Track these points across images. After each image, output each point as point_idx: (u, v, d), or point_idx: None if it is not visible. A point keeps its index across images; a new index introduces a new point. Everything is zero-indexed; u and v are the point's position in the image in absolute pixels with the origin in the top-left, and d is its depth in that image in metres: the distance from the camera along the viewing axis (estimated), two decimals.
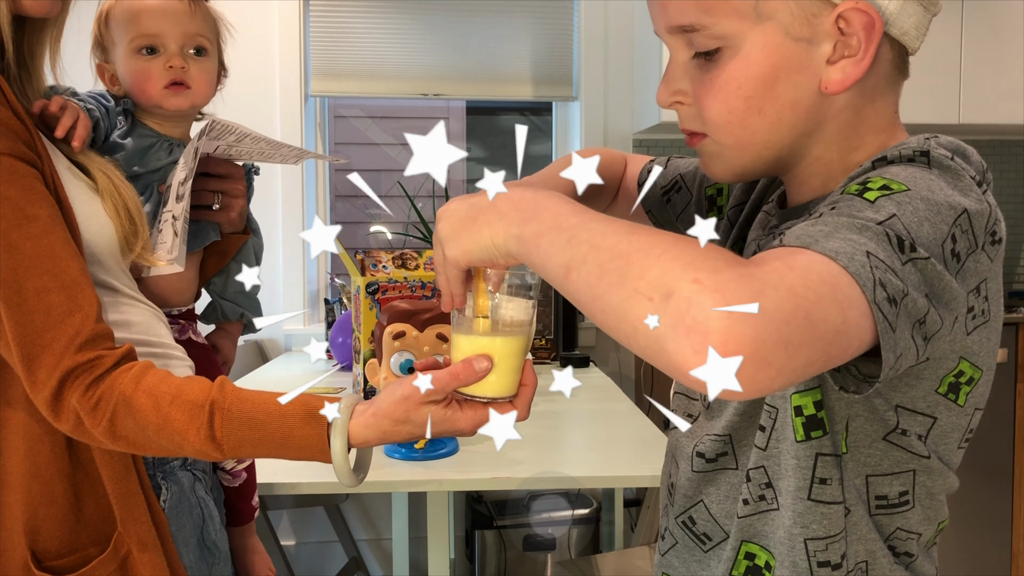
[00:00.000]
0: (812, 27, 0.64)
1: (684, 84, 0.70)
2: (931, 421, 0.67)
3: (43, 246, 0.77)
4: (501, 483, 1.31)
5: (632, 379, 3.02)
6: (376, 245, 3.19)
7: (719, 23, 0.65)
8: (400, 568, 2.63)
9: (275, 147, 1.11)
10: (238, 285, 1.27)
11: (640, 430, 1.61)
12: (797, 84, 0.66)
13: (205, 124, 1.02)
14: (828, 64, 0.65)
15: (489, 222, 0.64)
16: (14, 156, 0.77)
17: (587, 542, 2.55)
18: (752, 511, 0.73)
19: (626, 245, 0.53)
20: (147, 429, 0.78)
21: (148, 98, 1.12)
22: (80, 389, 0.77)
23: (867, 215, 0.56)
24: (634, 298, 0.50)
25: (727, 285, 0.47)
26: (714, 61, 0.67)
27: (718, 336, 0.46)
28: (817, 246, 0.53)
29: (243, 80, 2.81)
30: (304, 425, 0.79)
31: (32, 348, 0.76)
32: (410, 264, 1.82)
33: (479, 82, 3.02)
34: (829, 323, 0.50)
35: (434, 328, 1.25)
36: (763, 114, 0.67)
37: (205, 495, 1.08)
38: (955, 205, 0.59)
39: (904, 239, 0.55)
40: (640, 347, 0.51)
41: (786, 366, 0.49)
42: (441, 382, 0.74)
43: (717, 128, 0.69)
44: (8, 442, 0.82)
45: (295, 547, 2.92)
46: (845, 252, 0.53)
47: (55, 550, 0.83)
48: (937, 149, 0.63)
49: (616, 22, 3.02)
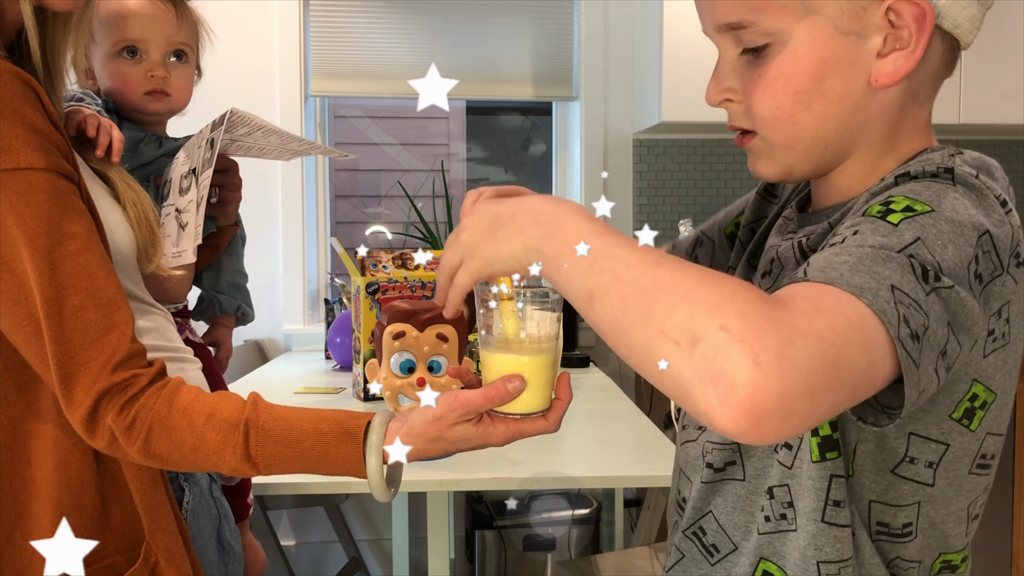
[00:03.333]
0: (861, 20, 0.63)
1: (733, 82, 0.70)
2: (943, 448, 0.66)
3: (81, 264, 0.77)
4: (501, 483, 1.31)
5: (632, 379, 3.02)
6: (376, 245, 3.19)
7: (767, 19, 0.65)
8: (400, 568, 2.63)
9: (286, 140, 1.11)
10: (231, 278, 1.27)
11: (640, 430, 1.61)
12: (846, 78, 0.65)
13: (223, 114, 1.00)
14: (878, 58, 0.64)
15: (508, 236, 0.64)
16: (55, 172, 0.77)
17: (587, 542, 2.55)
18: (773, 529, 0.72)
19: (650, 280, 0.52)
20: (182, 448, 0.78)
21: (127, 102, 1.12)
22: (115, 409, 0.77)
23: (891, 241, 0.56)
24: (659, 339, 0.50)
25: (755, 334, 0.47)
26: (762, 57, 0.67)
27: (745, 389, 0.46)
28: (842, 281, 0.53)
29: (243, 80, 2.81)
30: (340, 444, 0.80)
31: (69, 367, 0.76)
32: (410, 264, 1.82)
33: (479, 82, 3.02)
34: (855, 367, 0.50)
35: (434, 328, 1.25)
36: (811, 109, 0.66)
37: (220, 495, 1.10)
38: (978, 225, 0.58)
39: (929, 268, 0.54)
40: (666, 388, 0.51)
41: (812, 414, 0.49)
42: (474, 404, 0.75)
43: (765, 125, 0.69)
44: (36, 453, 0.83)
45: (295, 547, 2.92)
46: (870, 289, 0.52)
47: (85, 558, 0.83)
48: (962, 167, 0.62)
49: (616, 22, 3.02)
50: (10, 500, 0.82)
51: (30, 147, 0.75)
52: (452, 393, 0.77)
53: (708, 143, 3.14)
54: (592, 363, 2.54)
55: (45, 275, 0.75)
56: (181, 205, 1.04)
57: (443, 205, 2.95)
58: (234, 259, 1.29)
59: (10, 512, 0.82)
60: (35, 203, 0.75)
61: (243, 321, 1.34)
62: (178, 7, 1.16)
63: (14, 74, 0.75)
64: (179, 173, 1.05)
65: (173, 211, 1.05)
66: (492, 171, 3.49)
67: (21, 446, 0.82)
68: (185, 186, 1.03)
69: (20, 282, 0.75)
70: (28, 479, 0.82)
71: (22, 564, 0.82)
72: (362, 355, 1.76)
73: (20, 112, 0.75)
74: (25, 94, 0.76)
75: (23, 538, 0.82)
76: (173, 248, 1.03)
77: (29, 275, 0.75)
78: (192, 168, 1.03)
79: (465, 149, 3.43)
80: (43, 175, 0.76)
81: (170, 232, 1.04)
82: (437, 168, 3.22)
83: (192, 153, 1.05)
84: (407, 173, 3.29)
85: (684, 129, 3.00)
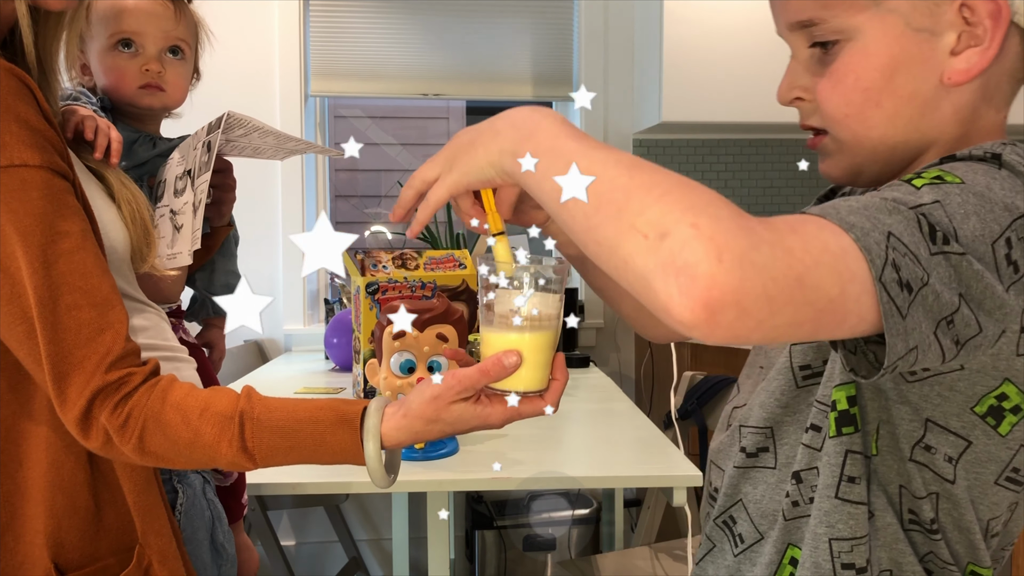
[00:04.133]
0: (934, 17, 0.63)
1: (804, 80, 0.69)
2: (964, 444, 0.64)
3: (75, 263, 0.77)
4: (501, 483, 1.31)
5: (632, 379, 3.02)
6: (376, 245, 3.19)
7: (837, 16, 0.65)
8: (400, 568, 2.63)
9: (282, 140, 1.11)
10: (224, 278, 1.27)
11: (640, 430, 1.61)
12: (917, 76, 0.64)
13: (220, 116, 1.00)
14: (952, 55, 0.63)
15: (485, 143, 0.63)
16: (50, 169, 0.76)
17: (587, 542, 2.55)
18: (801, 513, 0.71)
19: (627, 179, 0.52)
20: (178, 444, 0.78)
21: (121, 95, 1.12)
22: (109, 407, 0.76)
23: (907, 198, 0.55)
24: (629, 233, 0.50)
25: (723, 235, 0.48)
26: (833, 55, 0.66)
27: (704, 281, 0.47)
28: (835, 217, 0.53)
29: (243, 80, 2.81)
30: (336, 430, 0.79)
31: (63, 366, 0.75)
32: (410, 264, 1.82)
33: (479, 82, 3.02)
34: (823, 291, 0.50)
35: (434, 328, 1.25)
36: (881, 107, 0.65)
37: (214, 497, 1.09)
38: (1013, 208, 0.56)
39: (938, 229, 0.53)
40: (628, 282, 0.51)
41: (767, 321, 0.49)
42: (471, 379, 0.74)
43: (835, 123, 0.68)
44: (28, 454, 0.82)
45: (295, 547, 2.92)
46: (861, 227, 0.52)
47: (77, 560, 0.83)
48: (1012, 155, 0.61)
49: (616, 22, 3.02)
50: (2, 501, 0.81)
51: (24, 144, 0.74)
52: (449, 372, 0.76)
53: (708, 143, 3.14)
54: (592, 363, 2.54)
55: (39, 273, 0.75)
56: (176, 206, 1.03)
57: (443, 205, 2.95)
58: (227, 260, 1.29)
59: (2, 514, 0.81)
60: (29, 200, 0.74)
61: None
62: (177, 3, 1.15)
63: (8, 71, 0.75)
64: (174, 174, 1.05)
65: (168, 212, 1.04)
66: None
67: (12, 447, 0.82)
68: (180, 187, 1.03)
69: (13, 280, 0.75)
70: (20, 480, 0.82)
71: (13, 566, 0.82)
72: (362, 355, 1.76)
73: (14, 109, 0.74)
74: (19, 91, 0.75)
75: (15, 540, 0.82)
76: (168, 249, 1.02)
77: (23, 273, 0.74)
78: (187, 169, 1.03)
79: None
80: (37, 172, 0.75)
81: (164, 233, 1.03)
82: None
83: (187, 154, 1.04)
84: (407, 173, 3.28)
85: (684, 129, 3.00)
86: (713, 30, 2.74)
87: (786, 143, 3.19)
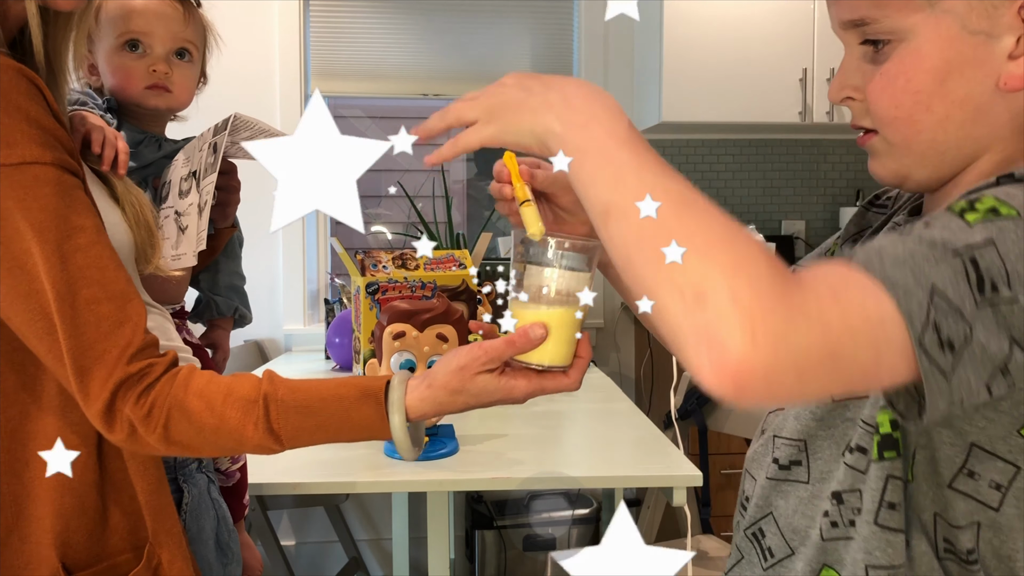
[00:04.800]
0: (992, 19, 0.60)
1: (855, 80, 0.68)
2: (1013, 471, 0.61)
3: (92, 257, 0.77)
4: (501, 483, 1.31)
5: (632, 379, 3.02)
6: (376, 245, 3.19)
7: (890, 16, 0.63)
8: (400, 568, 2.63)
9: None
10: (228, 279, 1.27)
11: (640, 430, 1.61)
12: (971, 79, 0.62)
13: (226, 118, 1.00)
14: (1010, 59, 0.61)
15: (533, 109, 0.61)
16: (61, 166, 0.77)
17: (587, 542, 2.55)
18: (840, 535, 0.69)
19: (674, 221, 0.51)
20: (203, 431, 0.78)
21: (128, 95, 1.12)
22: (132, 399, 0.76)
23: (957, 238, 0.53)
24: (667, 286, 0.50)
25: (760, 309, 0.47)
26: (884, 55, 0.64)
27: (735, 357, 0.47)
28: (878, 272, 0.51)
29: (243, 80, 2.81)
30: (361, 405, 0.80)
31: (84, 360, 0.75)
32: (410, 264, 1.82)
33: (479, 82, 3.01)
34: (857, 363, 0.49)
35: (434, 328, 1.25)
36: (931, 111, 0.63)
37: (218, 496, 1.09)
38: None
39: (987, 277, 0.51)
40: (659, 326, 0.51)
41: (796, 391, 0.49)
42: (497, 350, 0.75)
43: (884, 124, 0.66)
44: (35, 455, 0.82)
45: (295, 547, 2.92)
46: (904, 287, 0.50)
47: (84, 560, 0.83)
48: None
49: (616, 22, 3.02)
50: (8, 502, 0.82)
51: (35, 142, 0.75)
52: (475, 343, 0.77)
53: (708, 143, 3.14)
54: (592, 363, 2.54)
55: (56, 268, 0.75)
56: (181, 208, 1.03)
57: (443, 205, 2.95)
58: (232, 261, 1.29)
59: (7, 514, 0.82)
60: (42, 197, 0.75)
61: (241, 323, 1.34)
62: (186, 6, 1.16)
63: (18, 71, 0.75)
64: (179, 175, 1.05)
65: (172, 213, 1.04)
66: None
67: (19, 447, 0.82)
68: (185, 188, 1.03)
69: (31, 277, 0.75)
70: (27, 481, 0.82)
71: (19, 566, 0.82)
72: (362, 355, 1.76)
73: (24, 108, 0.75)
74: (29, 91, 0.76)
75: (20, 541, 0.82)
76: (172, 251, 1.02)
77: (39, 269, 0.75)
78: (192, 171, 1.03)
79: None
80: (49, 169, 0.75)
81: (169, 235, 1.04)
82: (437, 168, 3.22)
83: (192, 156, 1.04)
84: (407, 173, 3.29)
85: (684, 129, 3.00)
86: (713, 30, 2.74)
87: (786, 143, 3.19)
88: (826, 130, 2.99)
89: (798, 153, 3.20)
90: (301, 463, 1.32)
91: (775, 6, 2.75)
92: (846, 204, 3.18)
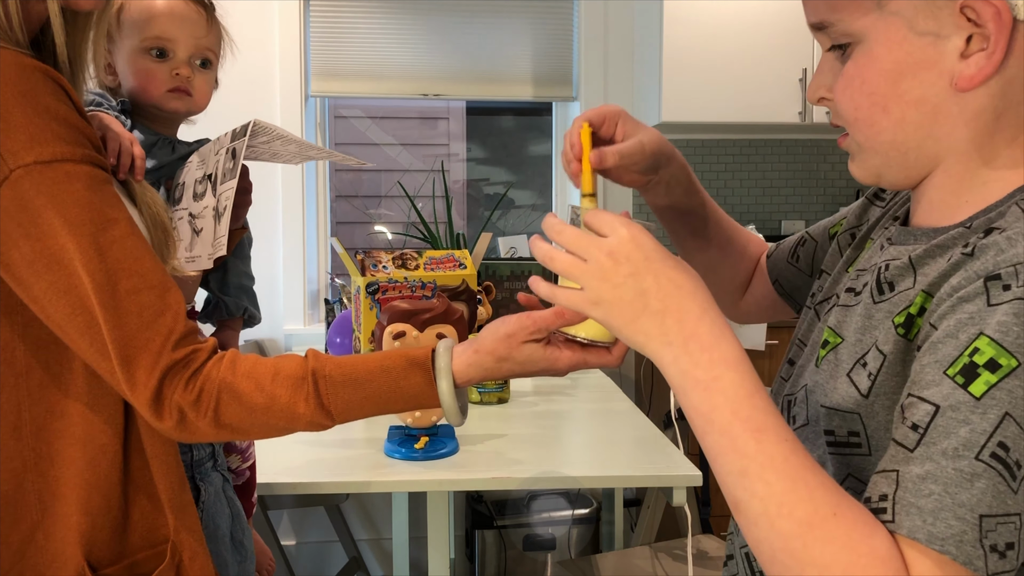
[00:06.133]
0: (937, 19, 0.60)
1: (829, 80, 0.68)
2: None
3: (128, 248, 0.78)
4: (501, 483, 1.31)
5: (632, 379, 3.02)
6: (376, 245, 3.19)
7: (843, 19, 0.64)
8: (400, 568, 2.63)
9: (304, 148, 1.11)
10: (238, 280, 1.27)
11: (640, 430, 1.61)
12: (924, 81, 0.62)
13: (245, 124, 1.01)
14: (961, 59, 0.61)
15: (646, 331, 0.61)
16: (91, 163, 0.78)
17: (587, 542, 2.55)
18: None
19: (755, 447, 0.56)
20: (254, 411, 0.79)
21: (148, 97, 1.12)
22: (181, 384, 0.77)
23: (975, 432, 0.52)
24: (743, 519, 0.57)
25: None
26: (847, 57, 0.65)
27: None
28: (922, 532, 0.51)
29: (243, 80, 2.81)
30: (409, 374, 0.82)
31: (128, 350, 0.76)
32: (410, 264, 1.82)
33: (479, 82, 3.02)
34: None
35: (434, 328, 1.25)
36: (888, 112, 0.63)
37: (232, 494, 1.10)
38: None
39: (1014, 462, 0.51)
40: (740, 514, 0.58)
41: None
42: (546, 320, 0.78)
43: (848, 125, 0.67)
44: (61, 452, 0.82)
45: (295, 547, 2.92)
46: (954, 537, 0.51)
47: (108, 558, 0.84)
48: None
49: (616, 22, 3.02)
50: (33, 499, 0.82)
51: (63, 140, 0.75)
52: (524, 312, 0.79)
53: (708, 143, 3.14)
54: None
55: (94, 261, 0.75)
56: (195, 210, 1.04)
57: (443, 205, 2.95)
58: (241, 262, 1.29)
59: (32, 512, 0.82)
60: (75, 191, 0.75)
61: (250, 324, 1.34)
62: (209, 12, 1.17)
63: (43, 71, 0.76)
64: (193, 177, 1.05)
65: (186, 215, 1.05)
66: (492, 171, 3.50)
67: (45, 445, 0.82)
68: (200, 191, 1.04)
69: (68, 271, 0.75)
70: (52, 479, 0.82)
71: (43, 563, 0.82)
72: None
73: (53, 108, 0.75)
74: (55, 90, 0.76)
75: (45, 538, 0.82)
76: (186, 253, 1.03)
77: (76, 264, 0.75)
78: (207, 174, 1.03)
79: (465, 149, 3.43)
80: (80, 166, 0.76)
81: (183, 236, 1.04)
82: (437, 168, 3.22)
83: (208, 159, 1.04)
84: (407, 173, 3.29)
85: (684, 129, 3.01)
86: (713, 30, 2.74)
87: (786, 143, 3.19)
88: (826, 130, 2.99)
89: (798, 153, 3.20)
90: (301, 463, 1.32)
91: (775, 6, 2.75)
92: (845, 204, 3.18)
